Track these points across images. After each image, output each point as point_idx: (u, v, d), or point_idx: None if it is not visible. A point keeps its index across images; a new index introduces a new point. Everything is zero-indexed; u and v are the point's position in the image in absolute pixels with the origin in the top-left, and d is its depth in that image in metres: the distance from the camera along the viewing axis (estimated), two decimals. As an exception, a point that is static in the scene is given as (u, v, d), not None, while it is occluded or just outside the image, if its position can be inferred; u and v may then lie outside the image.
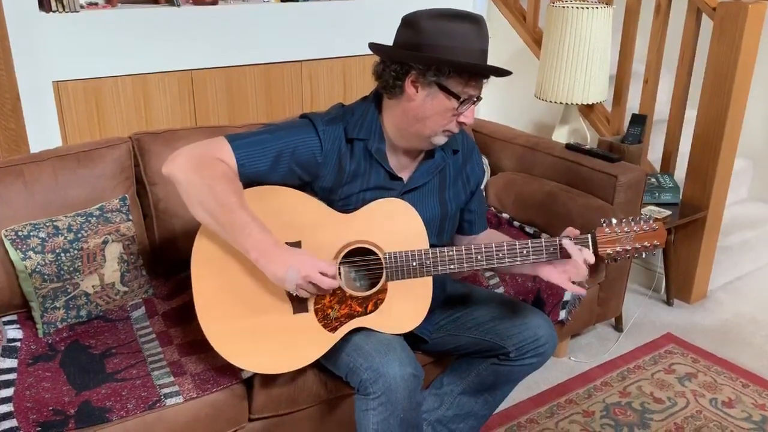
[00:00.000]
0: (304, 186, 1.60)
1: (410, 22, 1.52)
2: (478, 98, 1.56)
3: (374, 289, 1.57)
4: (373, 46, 1.58)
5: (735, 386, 2.35)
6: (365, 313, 1.58)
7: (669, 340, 2.63)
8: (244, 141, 1.53)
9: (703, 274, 2.89)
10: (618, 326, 2.69)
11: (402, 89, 1.53)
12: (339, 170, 1.60)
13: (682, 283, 2.89)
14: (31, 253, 1.75)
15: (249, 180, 1.53)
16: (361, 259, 1.58)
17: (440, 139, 1.59)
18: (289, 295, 1.54)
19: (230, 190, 1.45)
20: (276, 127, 1.60)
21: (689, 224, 2.79)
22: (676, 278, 2.88)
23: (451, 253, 1.56)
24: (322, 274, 1.46)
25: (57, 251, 1.78)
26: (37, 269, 1.75)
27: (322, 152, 1.58)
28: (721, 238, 2.91)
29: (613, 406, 2.24)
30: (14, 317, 1.84)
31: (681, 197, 2.80)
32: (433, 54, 1.48)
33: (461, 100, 1.51)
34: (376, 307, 1.58)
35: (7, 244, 1.75)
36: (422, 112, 1.53)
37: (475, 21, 1.50)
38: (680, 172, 2.91)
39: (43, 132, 2.47)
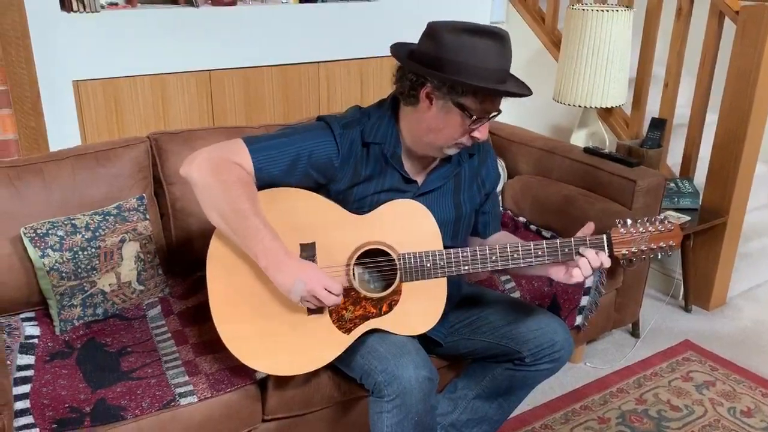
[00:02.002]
0: (318, 188, 1.60)
1: (433, 33, 1.49)
2: (497, 112, 1.54)
3: (388, 291, 1.56)
4: (394, 50, 1.57)
5: (754, 395, 2.32)
6: (380, 315, 1.57)
7: (687, 347, 2.59)
8: (262, 144, 1.53)
9: (722, 280, 2.85)
10: (635, 332, 2.66)
11: (417, 99, 1.52)
12: (354, 174, 1.59)
13: (701, 290, 2.85)
14: (49, 251, 1.77)
15: (265, 183, 1.53)
16: (375, 261, 1.58)
17: (452, 151, 1.59)
18: (304, 296, 1.54)
19: (245, 195, 1.45)
20: (293, 130, 1.61)
21: (708, 230, 2.76)
22: (695, 284, 2.84)
23: (465, 254, 1.55)
24: (328, 290, 1.46)
25: (75, 249, 1.79)
26: (55, 267, 1.77)
27: (339, 156, 1.58)
28: (741, 244, 2.87)
29: (629, 413, 2.22)
30: (32, 314, 1.85)
31: (700, 202, 2.77)
32: (451, 69, 1.45)
33: (474, 118, 1.50)
34: (390, 308, 1.58)
35: (26, 241, 1.77)
36: (435, 125, 1.53)
37: (499, 38, 1.47)
38: (700, 177, 2.88)
39: (62, 130, 2.49)
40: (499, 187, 2.63)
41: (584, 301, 2.21)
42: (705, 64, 2.76)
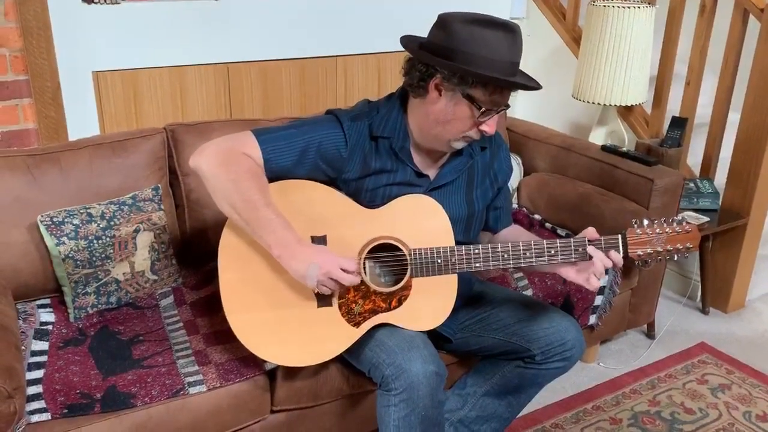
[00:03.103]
0: (329, 182, 1.60)
1: (443, 23, 1.49)
2: (506, 106, 1.53)
3: (398, 286, 1.56)
4: (404, 41, 1.57)
5: (771, 400, 2.28)
6: (389, 309, 1.57)
7: (703, 349, 2.56)
8: (270, 136, 1.54)
9: (741, 283, 2.80)
10: (650, 333, 2.63)
11: (426, 90, 1.52)
12: (364, 166, 1.59)
13: (719, 292, 2.81)
14: (65, 238, 1.79)
15: (275, 174, 1.54)
16: (386, 255, 1.57)
17: (459, 144, 1.58)
18: (314, 288, 1.54)
19: (255, 186, 1.46)
20: (302, 122, 1.61)
21: (728, 231, 2.72)
22: (713, 286, 2.80)
23: (476, 251, 1.54)
24: (344, 270, 1.46)
25: (90, 238, 1.81)
26: (70, 255, 1.79)
27: (347, 148, 1.57)
28: (761, 247, 2.82)
29: (641, 415, 2.19)
30: (48, 301, 1.88)
31: (720, 203, 2.72)
32: (461, 60, 1.45)
33: (483, 110, 1.49)
34: (400, 303, 1.57)
35: (43, 229, 1.79)
36: (443, 117, 1.52)
37: (509, 30, 1.46)
38: (721, 177, 2.83)
39: (81, 121, 2.51)
40: (515, 184, 2.61)
41: (598, 300, 2.19)
42: (728, 63, 2.71)
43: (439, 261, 1.55)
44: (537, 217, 2.49)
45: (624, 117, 3.08)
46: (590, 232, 1.57)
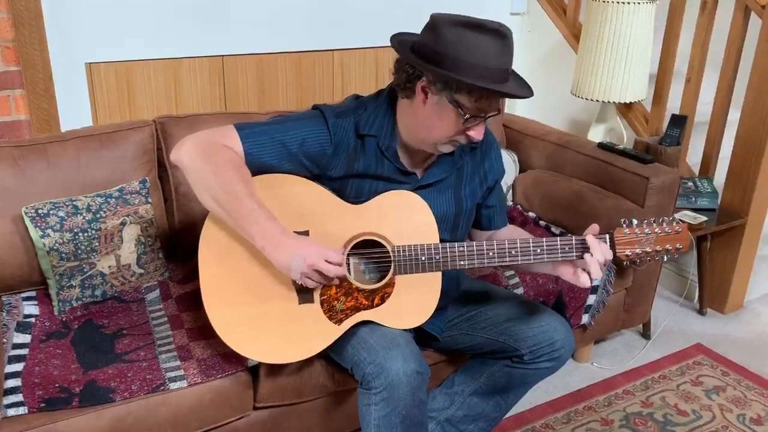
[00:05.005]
0: (313, 179, 1.58)
1: (433, 25, 1.45)
2: (495, 112, 1.49)
3: (381, 283, 1.53)
4: (395, 41, 1.53)
5: (766, 402, 2.24)
6: (371, 307, 1.55)
7: (699, 350, 2.53)
8: (253, 131, 1.51)
9: (739, 283, 2.77)
10: (645, 333, 2.60)
11: (413, 92, 1.49)
12: (349, 164, 1.57)
13: (717, 292, 2.77)
14: (49, 231, 1.77)
15: (256, 170, 1.51)
16: (370, 252, 1.55)
17: (447, 148, 1.55)
18: (295, 284, 1.52)
19: (237, 177, 1.44)
20: (286, 118, 1.58)
21: (727, 231, 2.68)
22: (711, 287, 2.77)
23: (461, 248, 1.52)
24: (329, 262, 1.43)
25: (75, 230, 1.80)
26: (54, 247, 1.77)
27: (332, 145, 1.55)
28: (760, 247, 2.78)
29: (633, 416, 2.16)
30: (33, 293, 1.86)
31: (719, 203, 2.69)
32: (448, 65, 1.41)
33: (468, 116, 1.45)
34: (383, 300, 1.55)
35: (27, 221, 1.77)
36: (430, 120, 1.49)
37: (500, 35, 1.41)
38: (720, 176, 2.79)
39: (74, 113, 2.49)
40: (510, 182, 2.58)
41: (591, 299, 2.16)
42: (729, 60, 2.67)
43: (423, 258, 1.52)
44: (531, 214, 2.47)
45: (623, 114, 3.05)
46: (593, 229, 1.54)
